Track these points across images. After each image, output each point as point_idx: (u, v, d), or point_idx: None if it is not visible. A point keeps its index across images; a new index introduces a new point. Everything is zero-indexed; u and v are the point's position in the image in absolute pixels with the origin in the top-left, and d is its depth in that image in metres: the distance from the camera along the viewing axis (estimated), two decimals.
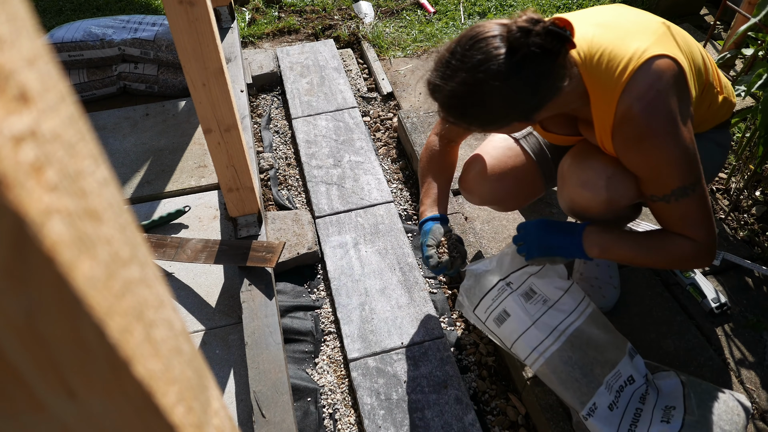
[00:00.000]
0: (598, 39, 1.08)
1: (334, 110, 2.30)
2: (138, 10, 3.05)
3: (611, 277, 1.47)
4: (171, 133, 2.13)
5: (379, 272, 1.69)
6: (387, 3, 3.02)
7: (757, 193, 1.80)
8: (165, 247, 1.60)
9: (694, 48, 1.17)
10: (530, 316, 1.22)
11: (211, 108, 1.33)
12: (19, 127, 0.18)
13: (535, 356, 1.20)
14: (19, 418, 0.24)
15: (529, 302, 1.24)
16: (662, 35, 1.10)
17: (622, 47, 1.06)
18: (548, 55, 0.98)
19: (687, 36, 1.18)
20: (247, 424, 1.29)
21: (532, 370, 1.22)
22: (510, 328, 1.24)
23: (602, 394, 1.16)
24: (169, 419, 0.27)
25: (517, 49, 0.97)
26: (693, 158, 1.08)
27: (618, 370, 1.19)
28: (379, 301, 1.61)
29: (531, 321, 1.22)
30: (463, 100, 1.03)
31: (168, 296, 0.29)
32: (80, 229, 0.20)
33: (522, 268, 1.29)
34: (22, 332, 0.20)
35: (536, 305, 1.23)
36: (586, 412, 1.15)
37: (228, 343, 1.47)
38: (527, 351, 1.21)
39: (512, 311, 1.24)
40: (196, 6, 1.14)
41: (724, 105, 1.26)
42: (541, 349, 1.20)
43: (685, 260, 1.17)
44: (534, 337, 1.21)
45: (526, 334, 1.22)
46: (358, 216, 1.87)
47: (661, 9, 2.68)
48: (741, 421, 1.15)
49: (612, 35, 1.08)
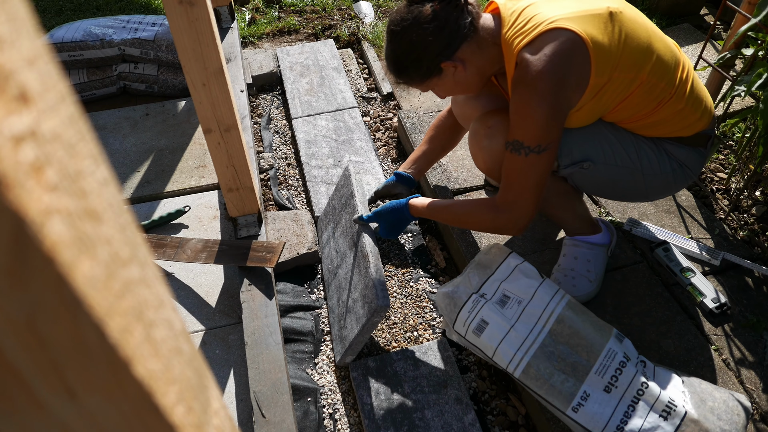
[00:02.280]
0: (529, 8, 1.21)
1: (334, 110, 2.30)
2: (138, 10, 3.05)
3: (588, 272, 1.48)
4: (171, 133, 2.13)
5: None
6: (387, 3, 3.02)
7: (757, 193, 1.80)
8: (165, 247, 1.60)
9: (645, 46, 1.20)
10: (508, 320, 1.23)
11: (211, 108, 1.33)
12: (19, 127, 0.18)
13: (519, 357, 1.19)
14: (19, 417, 0.24)
15: (504, 308, 1.25)
16: (590, 16, 1.16)
17: (541, 15, 1.17)
18: (442, 1, 1.19)
19: (643, 34, 1.22)
20: (247, 424, 1.29)
21: (515, 375, 1.20)
22: (489, 336, 1.23)
23: (593, 380, 1.14)
24: (169, 419, 0.27)
25: (419, 1, 1.20)
26: (546, 125, 1.15)
27: (610, 348, 1.18)
28: None
29: (509, 325, 1.22)
30: (394, 54, 1.27)
31: (168, 296, 0.29)
32: (80, 229, 0.20)
33: (489, 277, 1.31)
34: (22, 332, 0.20)
35: (512, 309, 1.25)
36: (576, 404, 1.13)
37: (228, 343, 1.47)
38: (510, 354, 1.20)
39: (490, 319, 1.24)
40: (196, 6, 1.14)
41: (684, 116, 1.28)
42: (524, 349, 1.19)
43: (487, 227, 1.33)
44: (515, 339, 1.20)
45: (507, 337, 1.21)
46: None
47: (661, 9, 2.68)
48: (741, 421, 1.15)
49: (542, 8, 1.19)
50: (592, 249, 1.48)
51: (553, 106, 1.13)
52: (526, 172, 1.21)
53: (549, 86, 1.12)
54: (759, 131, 1.58)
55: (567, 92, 1.14)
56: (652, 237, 1.65)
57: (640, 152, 1.32)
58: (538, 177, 1.21)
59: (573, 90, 1.16)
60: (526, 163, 1.19)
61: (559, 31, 1.13)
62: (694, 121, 1.30)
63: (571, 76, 1.13)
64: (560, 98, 1.14)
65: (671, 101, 1.25)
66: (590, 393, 1.14)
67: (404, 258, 1.75)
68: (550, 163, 1.20)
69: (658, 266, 1.59)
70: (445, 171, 1.92)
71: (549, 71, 1.12)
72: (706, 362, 1.37)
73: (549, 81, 1.12)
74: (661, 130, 1.31)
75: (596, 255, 1.48)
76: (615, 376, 1.15)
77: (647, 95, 1.22)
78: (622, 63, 1.17)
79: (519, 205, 1.25)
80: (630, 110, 1.26)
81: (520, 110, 1.16)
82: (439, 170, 1.89)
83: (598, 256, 1.49)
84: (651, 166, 1.33)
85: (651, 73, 1.20)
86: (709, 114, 1.32)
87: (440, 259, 1.76)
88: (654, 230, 1.67)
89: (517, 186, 1.23)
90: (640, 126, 1.30)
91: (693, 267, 1.55)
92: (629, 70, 1.18)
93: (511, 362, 1.20)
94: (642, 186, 1.36)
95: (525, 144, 1.17)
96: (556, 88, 1.12)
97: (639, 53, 1.19)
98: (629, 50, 1.18)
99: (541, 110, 1.13)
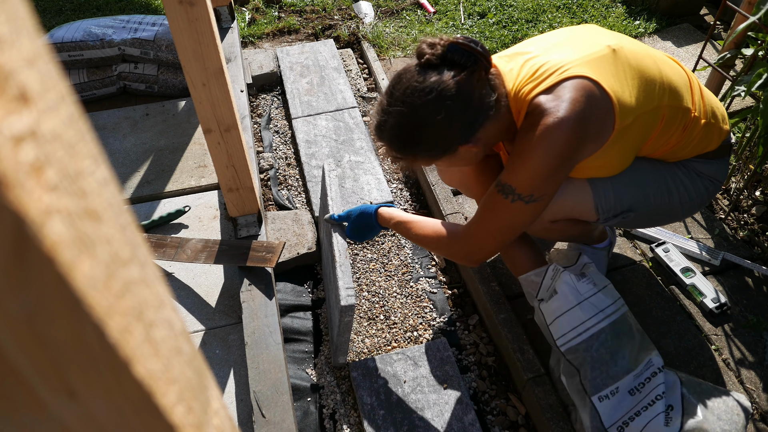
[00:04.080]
0: (532, 60, 1.13)
1: (334, 110, 2.30)
2: (138, 10, 3.05)
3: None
4: (171, 133, 2.13)
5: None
6: (387, 3, 3.02)
7: (757, 193, 1.80)
8: (165, 247, 1.60)
9: (657, 76, 1.15)
10: (579, 295, 1.21)
11: (211, 108, 1.33)
12: (19, 127, 0.18)
13: (573, 335, 1.20)
14: (19, 417, 0.24)
15: (580, 281, 1.23)
16: (597, 60, 1.10)
17: (550, 63, 1.09)
18: (465, 70, 1.05)
19: (651, 63, 1.16)
20: (247, 424, 1.29)
21: (562, 349, 1.20)
22: (556, 306, 1.23)
23: (628, 380, 1.17)
24: (169, 419, 0.27)
25: (433, 67, 1.06)
26: (547, 177, 1.06)
27: (650, 360, 1.20)
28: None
29: (577, 301, 1.21)
30: (402, 129, 1.09)
31: (168, 296, 0.29)
32: (80, 229, 0.20)
33: (571, 266, 1.30)
34: (22, 332, 0.20)
35: (587, 285, 1.23)
36: (604, 394, 1.16)
37: (228, 343, 1.47)
38: (566, 329, 1.20)
39: (560, 290, 1.23)
40: (196, 6, 1.14)
41: (708, 131, 1.24)
42: (580, 329, 1.20)
43: (442, 253, 1.27)
44: (576, 317, 1.20)
45: (570, 312, 1.21)
46: None
47: (661, 9, 2.68)
48: (740, 421, 1.15)
49: (547, 57, 1.12)
50: (596, 253, 1.48)
51: (562, 159, 1.04)
52: (503, 216, 1.11)
53: (566, 136, 1.03)
54: (759, 131, 1.58)
55: (584, 143, 1.06)
56: (651, 237, 1.65)
57: (676, 183, 1.26)
58: (513, 226, 1.13)
59: (591, 141, 1.08)
60: (508, 209, 1.10)
61: (577, 80, 1.05)
62: (717, 133, 1.26)
63: (591, 128, 1.05)
64: (574, 150, 1.05)
65: (694, 121, 1.20)
66: (620, 390, 1.16)
67: (404, 258, 1.75)
68: (534, 215, 1.11)
69: (658, 266, 1.59)
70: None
71: (570, 120, 1.02)
72: (706, 362, 1.37)
73: (568, 130, 1.02)
74: (691, 150, 1.25)
75: (598, 258, 1.49)
76: (643, 383, 1.17)
77: (673, 122, 1.17)
78: (641, 99, 1.11)
79: (480, 245, 1.17)
80: (660, 140, 1.20)
81: (524, 155, 1.06)
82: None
83: (600, 259, 1.49)
84: (687, 193, 1.27)
85: (669, 98, 1.15)
86: (727, 122, 1.29)
87: (440, 259, 1.76)
88: (654, 230, 1.67)
89: (489, 225, 1.14)
90: (671, 153, 1.25)
91: (693, 267, 1.55)
92: (649, 103, 1.12)
93: (563, 336, 1.21)
94: (678, 214, 1.33)
95: (516, 191, 1.08)
96: (573, 138, 1.03)
97: (653, 83, 1.14)
98: (643, 83, 1.12)
99: (548, 160, 1.04)
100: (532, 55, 1.15)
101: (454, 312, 1.62)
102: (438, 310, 1.61)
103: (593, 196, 1.22)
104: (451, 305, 1.64)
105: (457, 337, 1.55)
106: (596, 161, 1.16)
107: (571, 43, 1.16)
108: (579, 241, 1.48)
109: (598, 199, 1.22)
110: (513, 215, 1.10)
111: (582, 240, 1.46)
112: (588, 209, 1.24)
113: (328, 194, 1.49)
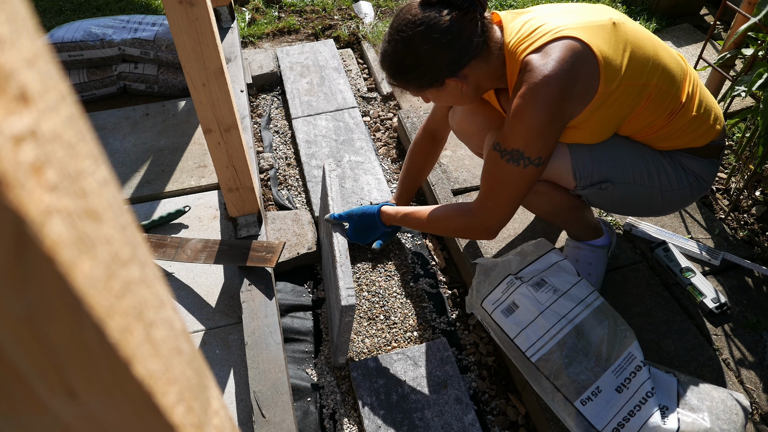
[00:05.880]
0: (533, 20, 1.19)
1: (334, 110, 2.30)
2: (138, 10, 3.05)
3: (590, 274, 1.48)
4: (171, 133, 2.13)
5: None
6: (387, 3, 3.02)
7: (757, 193, 1.80)
8: (165, 247, 1.60)
9: (651, 55, 1.18)
10: (540, 304, 1.25)
11: (211, 108, 1.33)
12: (19, 127, 0.18)
13: (541, 344, 1.21)
14: (19, 418, 0.24)
15: (539, 291, 1.27)
16: (595, 27, 1.15)
17: (547, 25, 1.16)
18: (459, 10, 1.13)
19: (648, 44, 1.20)
20: (247, 424, 1.29)
21: (532, 360, 1.22)
22: (516, 319, 1.25)
23: (608, 378, 1.16)
24: (169, 419, 0.27)
25: (431, 5, 1.14)
26: (544, 133, 1.12)
27: (630, 352, 1.19)
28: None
29: (539, 311, 1.24)
30: (397, 56, 1.19)
31: (168, 296, 0.29)
32: (80, 229, 0.20)
33: (530, 264, 1.32)
34: (22, 332, 0.20)
35: (546, 294, 1.26)
36: (586, 397, 1.15)
37: (228, 343, 1.47)
38: (533, 340, 1.22)
39: (520, 303, 1.26)
40: (196, 6, 1.14)
41: (697, 125, 1.26)
42: (547, 338, 1.21)
43: (459, 230, 1.32)
44: (541, 326, 1.22)
45: (534, 323, 1.23)
46: None
47: (661, 9, 2.68)
48: (740, 421, 1.15)
49: (547, 20, 1.18)
50: (594, 251, 1.48)
51: (554, 114, 1.10)
52: (518, 183, 1.17)
53: (554, 92, 1.09)
54: (759, 131, 1.58)
55: (571, 101, 1.12)
56: (651, 237, 1.65)
57: (659, 168, 1.29)
58: (526, 189, 1.19)
59: (578, 100, 1.13)
60: (522, 176, 1.16)
61: (567, 40, 1.11)
62: (706, 130, 1.27)
63: (577, 85, 1.11)
64: (563, 107, 1.11)
65: (682, 111, 1.22)
66: (602, 390, 1.16)
67: (404, 258, 1.75)
68: (539, 176, 1.19)
69: (658, 266, 1.59)
70: (445, 171, 1.92)
71: (556, 77, 1.09)
72: (706, 362, 1.37)
73: (555, 87, 1.09)
74: (676, 141, 1.28)
75: (597, 257, 1.48)
76: (629, 379, 1.17)
77: (659, 105, 1.20)
78: (631, 70, 1.15)
79: (498, 213, 1.23)
80: (643, 121, 1.23)
81: (520, 114, 1.12)
82: (439, 170, 1.90)
83: (599, 258, 1.49)
84: (669, 182, 1.30)
85: (660, 80, 1.18)
86: (720, 123, 1.30)
87: (440, 258, 1.76)
88: (654, 230, 1.67)
89: (503, 195, 1.20)
90: (655, 138, 1.27)
91: (693, 267, 1.55)
92: (638, 77, 1.16)
93: (531, 347, 1.22)
94: (659, 203, 1.34)
95: (525, 155, 1.14)
96: (561, 95, 1.09)
97: (646, 60, 1.17)
98: (636, 58, 1.16)
99: (542, 116, 1.10)
100: (534, 16, 1.21)
101: (454, 312, 1.62)
102: (438, 310, 1.61)
103: (571, 159, 1.26)
104: (451, 305, 1.64)
105: (457, 337, 1.55)
106: (577, 125, 1.21)
107: (576, 12, 1.21)
108: (573, 230, 1.49)
109: (575, 163, 1.26)
110: (526, 181, 1.18)
111: (575, 229, 1.47)
112: (566, 172, 1.28)
113: (329, 194, 1.49)
